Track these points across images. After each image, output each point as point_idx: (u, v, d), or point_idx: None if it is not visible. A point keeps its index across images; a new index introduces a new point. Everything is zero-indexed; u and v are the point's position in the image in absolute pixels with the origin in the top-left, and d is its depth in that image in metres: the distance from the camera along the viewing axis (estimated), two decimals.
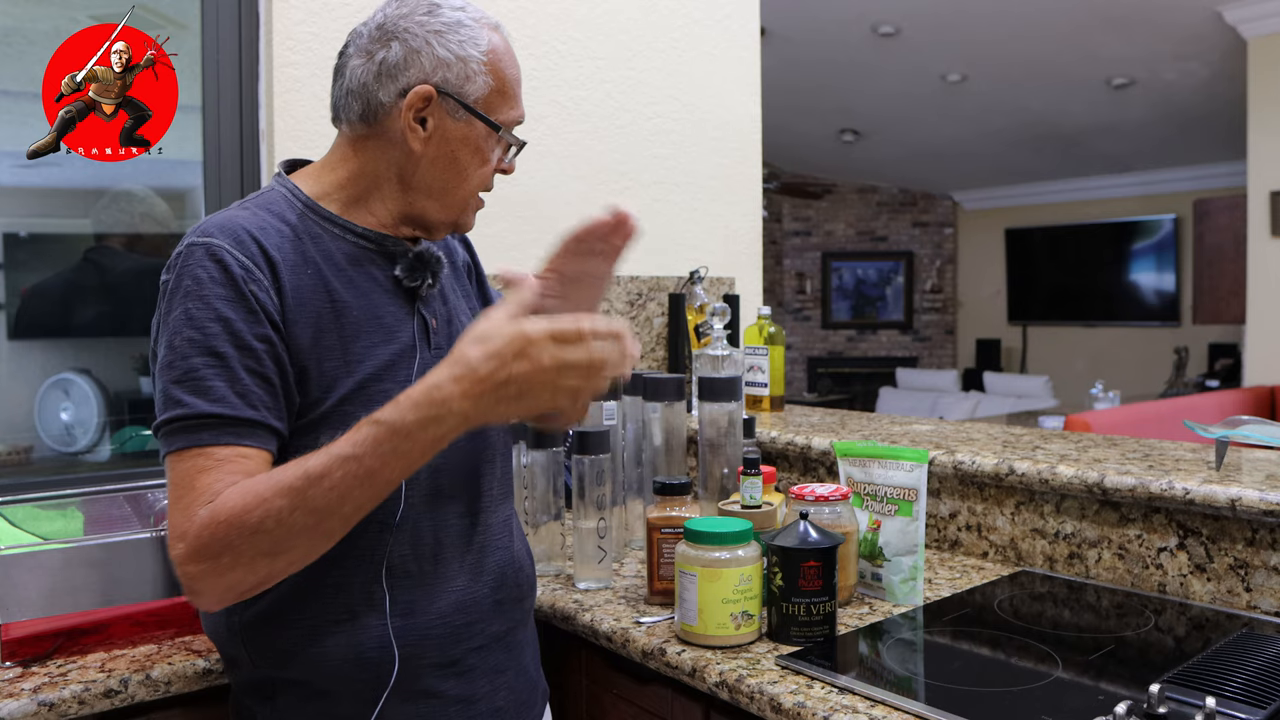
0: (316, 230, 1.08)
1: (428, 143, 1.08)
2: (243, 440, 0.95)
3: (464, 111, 1.08)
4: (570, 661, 1.45)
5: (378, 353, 1.06)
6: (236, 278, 0.98)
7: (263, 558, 0.90)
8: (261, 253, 1.01)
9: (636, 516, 1.71)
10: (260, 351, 0.98)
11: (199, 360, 0.95)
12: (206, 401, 0.94)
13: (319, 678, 1.04)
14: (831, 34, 6.25)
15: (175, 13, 1.91)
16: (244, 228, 1.02)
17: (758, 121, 2.57)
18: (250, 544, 0.89)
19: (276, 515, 0.89)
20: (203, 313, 0.97)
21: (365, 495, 0.91)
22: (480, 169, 1.11)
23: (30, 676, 1.13)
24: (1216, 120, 6.88)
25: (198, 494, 0.92)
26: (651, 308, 2.34)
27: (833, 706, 1.04)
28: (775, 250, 9.83)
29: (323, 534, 0.92)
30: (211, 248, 0.99)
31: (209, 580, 0.91)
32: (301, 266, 1.04)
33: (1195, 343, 7.92)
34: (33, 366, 2.03)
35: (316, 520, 0.90)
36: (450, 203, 1.12)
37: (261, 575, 0.92)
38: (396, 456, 0.90)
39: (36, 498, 1.46)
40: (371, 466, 0.90)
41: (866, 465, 1.43)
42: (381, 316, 1.08)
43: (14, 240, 2.03)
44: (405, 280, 1.10)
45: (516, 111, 1.13)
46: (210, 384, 0.95)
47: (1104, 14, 5.61)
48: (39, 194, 2.06)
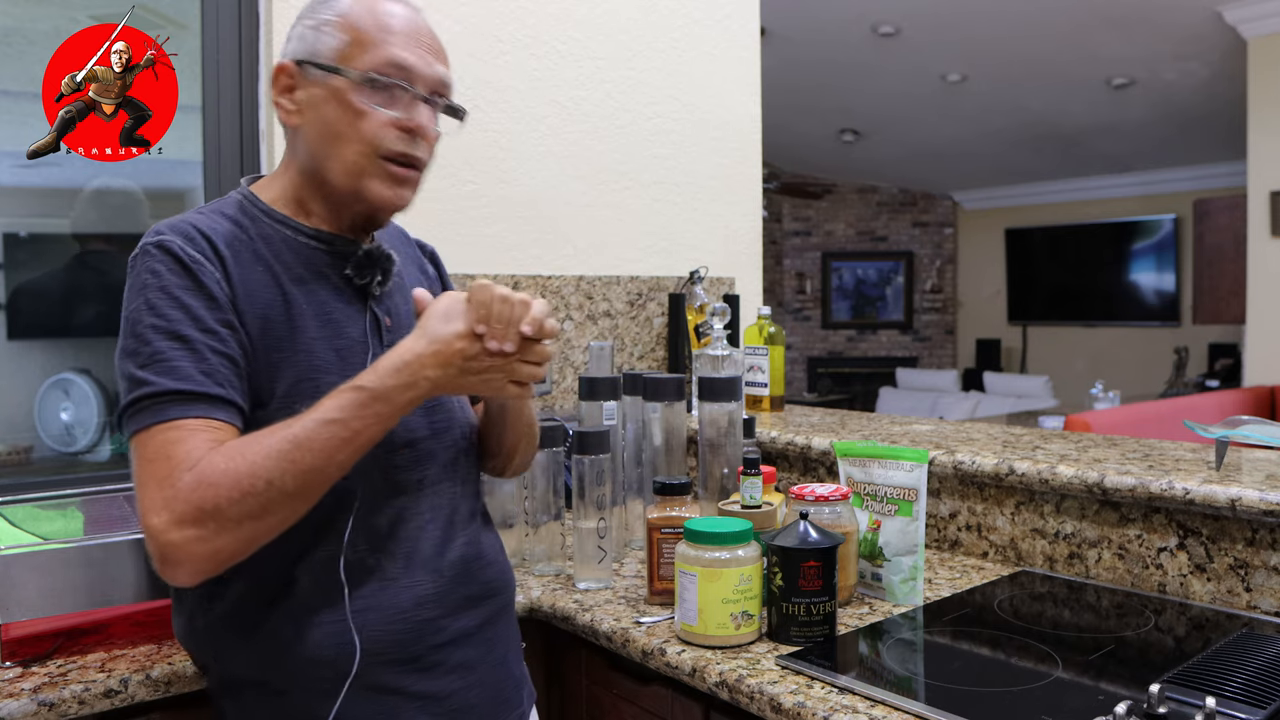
0: (268, 231, 1.09)
1: (299, 115, 1.08)
2: (213, 413, 0.96)
3: (318, 71, 1.07)
4: (570, 661, 1.45)
5: (325, 347, 1.06)
6: (189, 268, 1.00)
7: (249, 520, 0.92)
8: (211, 248, 1.03)
9: (636, 516, 1.71)
10: (224, 335, 1.00)
11: (164, 344, 0.97)
12: (173, 379, 0.95)
13: (278, 676, 1.04)
14: (831, 34, 6.25)
15: (175, 13, 1.91)
16: (194, 225, 1.05)
17: (758, 121, 2.57)
18: (238, 507, 0.91)
19: (266, 477, 0.92)
20: (163, 301, 0.99)
21: (347, 455, 0.96)
22: (358, 125, 1.06)
23: (30, 676, 1.13)
24: (1216, 120, 6.88)
25: (176, 463, 0.92)
26: (651, 308, 2.34)
27: (833, 706, 1.04)
28: (775, 250, 9.83)
29: (306, 497, 0.96)
30: (165, 243, 1.02)
31: (193, 548, 0.91)
32: (252, 263, 1.06)
33: (1195, 343, 7.92)
34: (32, 366, 2.03)
35: (303, 483, 0.94)
36: (341, 169, 1.07)
37: (245, 539, 0.93)
38: (377, 419, 0.97)
39: (36, 498, 1.46)
40: (356, 428, 0.95)
41: (866, 465, 1.43)
42: (330, 313, 1.09)
43: (14, 240, 2.03)
44: (355, 278, 1.11)
45: (385, 55, 1.06)
46: (176, 364, 0.96)
47: (1104, 14, 5.61)
48: (39, 194, 2.06)
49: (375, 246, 1.13)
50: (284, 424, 0.96)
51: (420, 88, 1.09)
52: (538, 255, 2.19)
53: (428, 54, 1.10)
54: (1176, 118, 7.11)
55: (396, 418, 0.99)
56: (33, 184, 2.02)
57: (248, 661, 1.05)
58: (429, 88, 1.10)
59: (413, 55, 1.08)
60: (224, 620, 1.05)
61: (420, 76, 1.09)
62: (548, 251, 2.21)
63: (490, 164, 2.12)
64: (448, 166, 2.04)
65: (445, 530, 1.13)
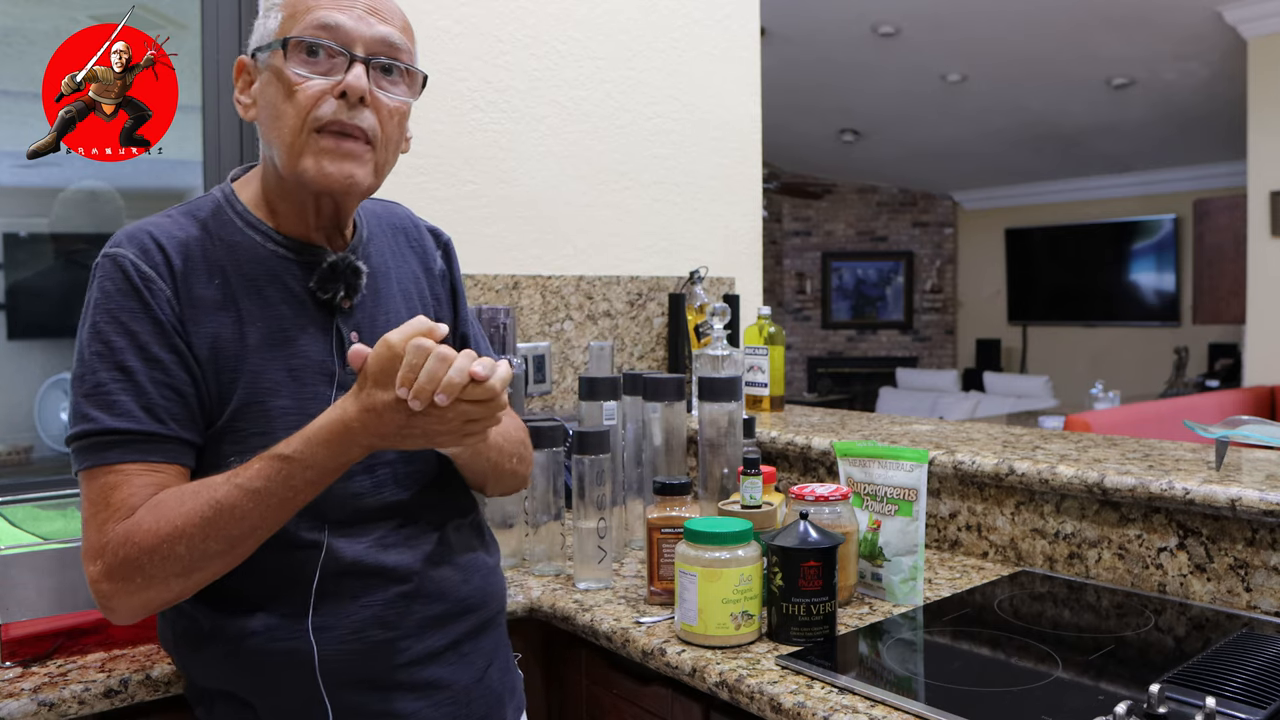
0: (236, 238, 1.05)
1: (253, 107, 1.05)
2: (150, 456, 0.96)
3: (262, 54, 1.03)
4: (570, 661, 1.45)
5: (277, 368, 1.03)
6: (138, 287, 0.98)
7: (175, 578, 0.93)
8: (165, 262, 1.00)
9: (636, 516, 1.71)
10: (168, 363, 0.97)
11: (106, 375, 0.96)
12: (112, 417, 0.94)
13: (243, 690, 1.02)
14: (831, 34, 6.25)
15: (175, 13, 1.91)
16: (151, 235, 1.01)
17: (758, 121, 2.57)
18: (163, 568, 0.92)
19: (188, 541, 0.92)
20: (109, 326, 0.97)
21: (277, 518, 0.95)
22: (292, 98, 1.00)
23: (30, 676, 1.13)
24: (1216, 120, 6.88)
25: (112, 510, 0.93)
26: (651, 308, 2.34)
27: (833, 706, 1.04)
28: (775, 250, 9.83)
29: (235, 556, 0.95)
30: (118, 258, 0.99)
31: (122, 599, 0.94)
32: (208, 277, 1.02)
33: (1195, 343, 7.92)
34: (33, 366, 2.03)
35: (229, 545, 0.94)
36: (283, 151, 1.01)
37: (175, 593, 0.95)
38: (307, 485, 0.95)
39: (36, 498, 1.46)
40: (284, 496, 0.94)
41: (866, 465, 1.43)
42: (286, 330, 1.04)
43: (14, 240, 2.03)
44: (318, 292, 1.05)
45: (312, 18, 1.00)
46: (116, 399, 0.95)
47: (1104, 14, 5.61)
48: (39, 194, 2.06)
49: (341, 258, 1.06)
50: (210, 484, 0.94)
51: (360, 50, 1.01)
52: (538, 255, 2.19)
53: (365, 13, 1.01)
54: (1176, 118, 7.11)
55: (333, 477, 0.96)
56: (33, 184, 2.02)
57: (216, 674, 1.04)
58: (367, 48, 1.01)
59: (343, 15, 1.00)
60: (191, 632, 1.04)
61: (354, 36, 1.00)
62: (548, 251, 2.21)
63: (490, 164, 2.11)
64: (448, 166, 2.04)
65: (413, 548, 1.08)
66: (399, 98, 1.05)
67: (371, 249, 1.15)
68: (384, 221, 1.21)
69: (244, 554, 0.96)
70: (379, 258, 1.15)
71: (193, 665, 1.06)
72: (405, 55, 1.05)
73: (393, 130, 1.05)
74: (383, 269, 1.15)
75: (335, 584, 1.03)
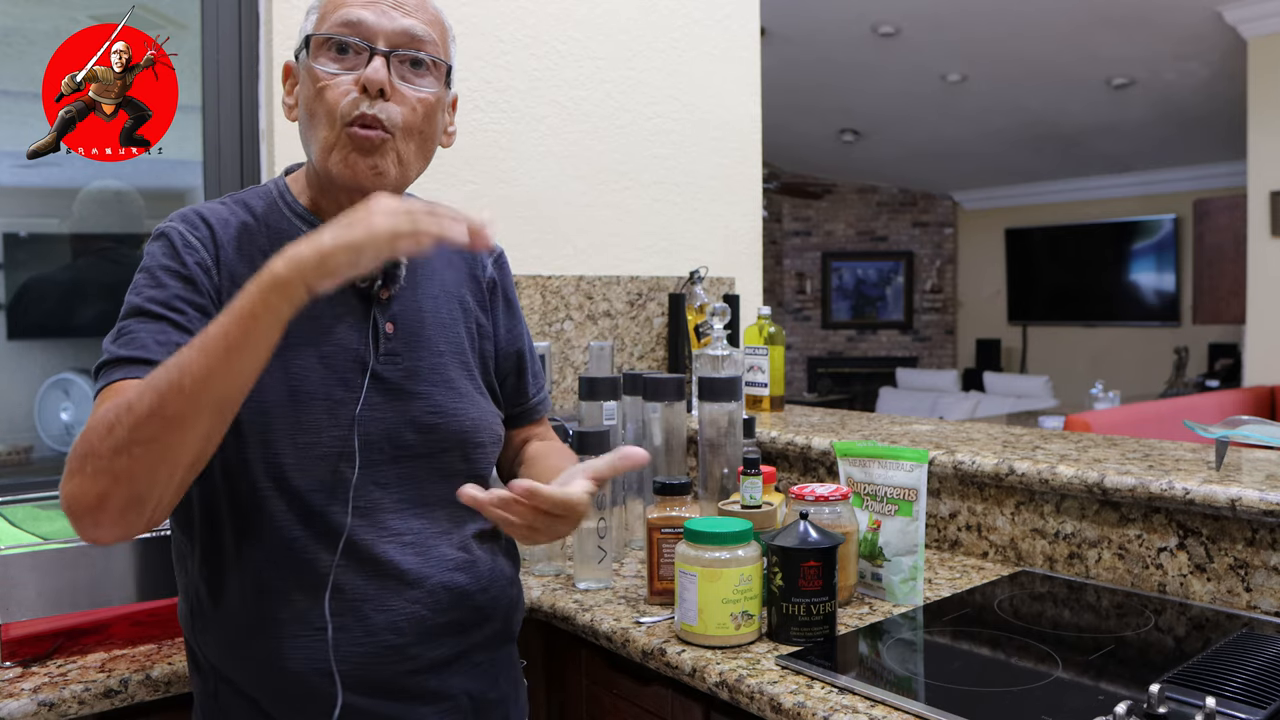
0: (282, 225, 1.08)
1: (295, 107, 1.09)
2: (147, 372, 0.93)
3: (303, 55, 1.06)
4: (570, 661, 1.45)
5: (308, 353, 1.03)
6: (179, 251, 1.02)
7: (119, 455, 0.85)
8: (210, 236, 1.04)
9: (636, 516, 1.71)
10: (191, 315, 1.00)
11: (133, 320, 0.99)
12: (127, 349, 0.97)
13: (247, 683, 1.02)
14: (831, 34, 6.25)
15: (175, 13, 1.91)
16: (200, 213, 1.06)
17: (758, 121, 2.57)
18: (106, 442, 0.86)
19: (126, 404, 0.86)
20: (145, 281, 1.01)
21: (203, 364, 0.86)
22: (323, 96, 1.02)
23: (30, 676, 1.13)
24: (1216, 120, 6.88)
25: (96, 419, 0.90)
26: (651, 308, 2.34)
27: (833, 706, 1.04)
28: (775, 250, 9.83)
29: (169, 421, 0.85)
30: (167, 231, 1.04)
31: (78, 499, 0.87)
32: (250, 258, 1.04)
33: (1195, 343, 7.92)
34: (33, 366, 2.03)
35: (159, 400, 0.85)
36: (318, 149, 1.04)
37: (121, 476, 0.86)
38: (230, 315, 0.86)
39: (36, 498, 1.46)
40: (211, 333, 0.86)
41: (866, 465, 1.43)
42: (322, 316, 1.04)
43: (14, 240, 2.03)
44: (357, 280, 1.05)
45: (337, 15, 1.02)
46: (135, 335, 0.98)
47: (1104, 14, 5.61)
48: (39, 194, 2.06)
49: None
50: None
51: (382, 44, 1.02)
52: (538, 255, 2.19)
53: (389, 7, 1.03)
54: (1176, 118, 7.11)
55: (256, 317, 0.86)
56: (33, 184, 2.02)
57: (224, 663, 1.04)
58: (389, 41, 1.03)
59: (367, 10, 1.02)
60: (201, 613, 1.04)
61: (376, 30, 1.02)
62: (548, 251, 2.21)
63: (490, 164, 2.11)
64: (448, 166, 2.04)
65: (433, 552, 1.07)
66: (425, 89, 1.06)
67: None
68: None
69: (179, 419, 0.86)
70: (423, 256, 1.13)
71: (203, 645, 1.06)
72: (430, 47, 1.06)
73: (418, 121, 1.05)
74: (425, 267, 1.15)
75: (352, 583, 1.02)
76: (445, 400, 1.10)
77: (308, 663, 1.00)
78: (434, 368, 1.11)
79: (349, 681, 1.01)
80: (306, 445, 1.01)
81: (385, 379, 1.07)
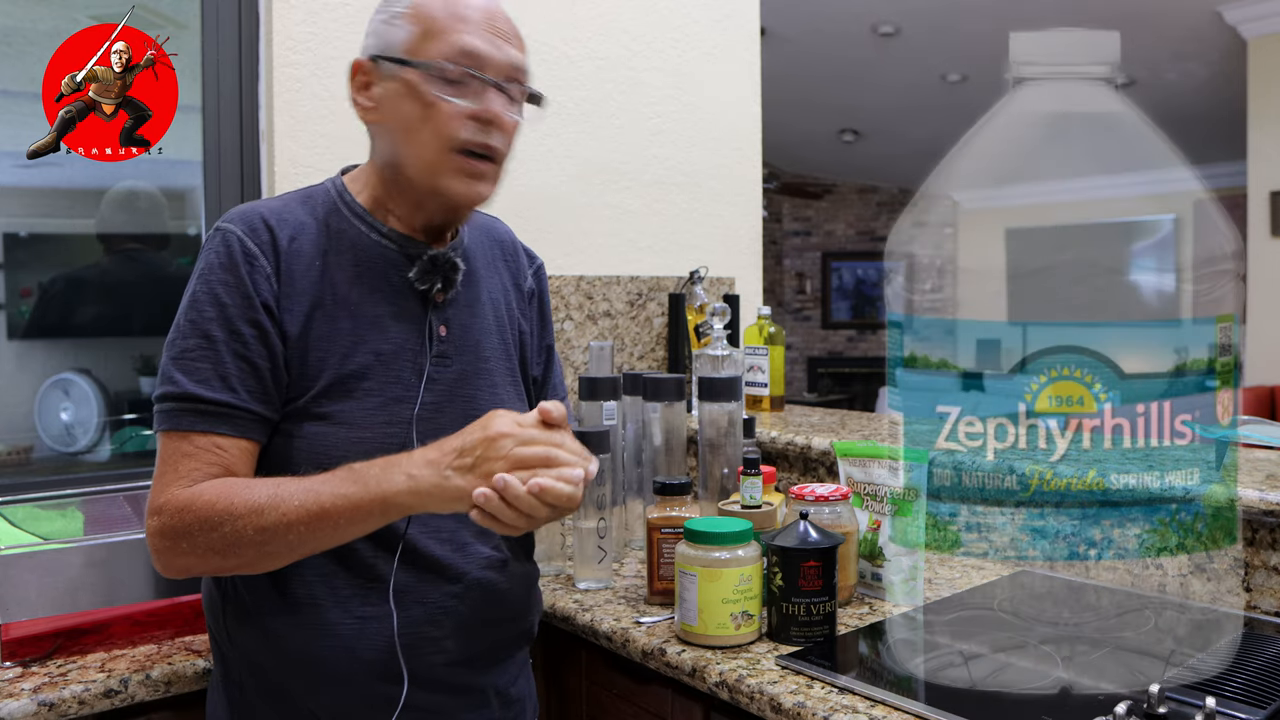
0: (343, 226, 1.09)
1: (376, 111, 1.07)
2: (219, 428, 1.00)
3: (391, 65, 1.05)
4: (570, 661, 1.45)
5: (366, 350, 1.06)
6: (238, 262, 1.02)
7: (213, 554, 0.97)
8: (270, 239, 1.04)
9: (636, 516, 1.71)
10: (248, 336, 1.01)
11: (193, 341, 1.01)
12: (192, 382, 1.00)
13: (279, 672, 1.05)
14: (831, 34, 6.25)
15: (175, 13, 1.91)
16: (261, 215, 1.06)
17: (758, 121, 2.57)
18: (205, 540, 0.96)
19: (234, 523, 0.95)
20: (204, 296, 1.02)
21: (309, 530, 0.95)
22: (431, 117, 1.04)
23: (30, 676, 1.13)
24: (1216, 120, 6.87)
25: (179, 476, 0.99)
26: (651, 308, 2.34)
27: (833, 706, 1.04)
28: (775, 250, 9.83)
29: (267, 553, 0.97)
30: (225, 233, 1.04)
31: (168, 557, 0.99)
32: (311, 259, 1.06)
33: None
34: (33, 366, 2.03)
35: (263, 537, 0.95)
36: (418, 165, 1.06)
37: (212, 567, 0.99)
38: (349, 503, 0.94)
39: (36, 498, 1.46)
40: (325, 504, 0.95)
41: (866, 465, 1.43)
42: (381, 316, 1.07)
43: (14, 240, 2.03)
44: (416, 282, 1.09)
45: (455, 42, 1.04)
46: (197, 365, 1.00)
47: (1104, 14, 5.61)
48: (39, 194, 2.06)
49: (441, 253, 1.10)
50: (276, 479, 0.98)
51: (492, 74, 1.06)
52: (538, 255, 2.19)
53: (499, 39, 1.07)
54: (1176, 118, 7.10)
55: (371, 515, 0.95)
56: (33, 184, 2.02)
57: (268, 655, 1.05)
58: (502, 74, 1.07)
59: (483, 41, 1.05)
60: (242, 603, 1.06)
61: (492, 63, 1.06)
62: (548, 251, 2.20)
63: None
64: None
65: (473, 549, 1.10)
66: (518, 116, 1.11)
67: (469, 253, 1.17)
68: (485, 233, 1.25)
69: (276, 555, 0.97)
70: (475, 263, 1.18)
71: (235, 634, 1.07)
72: (527, 77, 1.12)
73: (511, 144, 1.12)
74: (477, 275, 1.18)
75: (403, 577, 1.05)
76: (489, 404, 1.11)
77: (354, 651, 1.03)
78: (480, 372, 1.14)
79: (383, 671, 1.04)
80: (361, 440, 1.04)
81: (437, 380, 1.10)
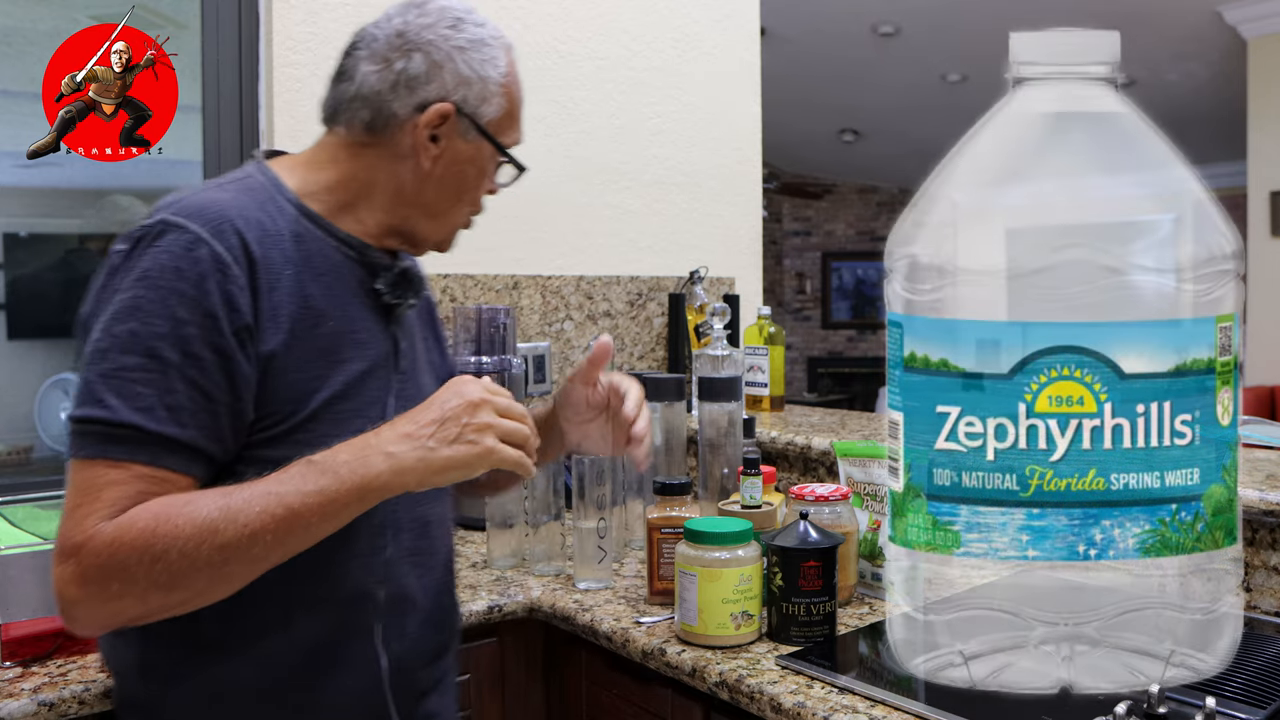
0: (299, 229, 0.98)
1: (437, 161, 1.02)
2: (160, 461, 0.85)
3: (475, 133, 1.04)
4: (570, 661, 1.45)
5: (349, 368, 0.98)
6: (206, 272, 0.87)
7: (156, 590, 0.82)
8: (242, 246, 0.90)
9: (636, 516, 1.71)
10: (208, 363, 0.87)
11: (134, 359, 0.84)
12: (130, 409, 0.83)
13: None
14: (831, 34, 6.25)
15: (175, 13, 1.91)
16: (225, 216, 0.91)
17: (758, 121, 2.57)
18: (147, 574, 0.81)
19: (181, 546, 0.81)
20: (154, 305, 0.85)
21: (277, 539, 0.84)
22: (477, 189, 1.09)
23: (30, 676, 1.13)
24: (1216, 120, 6.87)
25: (102, 505, 0.82)
26: (651, 308, 2.34)
27: (833, 706, 1.04)
28: (775, 250, 9.83)
29: (223, 576, 0.84)
30: (187, 233, 0.88)
31: (91, 606, 0.83)
32: (281, 266, 0.94)
33: None
34: (33, 366, 2.03)
35: (223, 558, 0.82)
36: (445, 223, 1.08)
37: (151, 607, 0.84)
38: (320, 499, 0.84)
39: (36, 498, 1.46)
40: (292, 505, 0.84)
41: (866, 465, 1.43)
42: (356, 330, 1.00)
43: (14, 240, 2.03)
44: (387, 296, 1.03)
45: (519, 134, 1.11)
46: (139, 390, 0.84)
47: (1103, 14, 5.61)
48: (39, 194, 2.06)
49: (411, 266, 1.07)
50: (224, 489, 0.85)
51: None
52: (538, 255, 2.19)
53: None
54: (1176, 118, 7.09)
55: (348, 506, 0.86)
56: (33, 184, 2.02)
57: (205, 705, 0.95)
58: None
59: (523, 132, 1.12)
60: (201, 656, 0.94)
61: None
62: (548, 251, 2.21)
63: None
64: None
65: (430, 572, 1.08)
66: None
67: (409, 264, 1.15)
68: None
69: (230, 579, 0.85)
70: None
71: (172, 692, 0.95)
72: None
73: None
74: None
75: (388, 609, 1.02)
76: None
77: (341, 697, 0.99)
78: (424, 384, 1.10)
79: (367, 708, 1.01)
80: None
81: (401, 396, 1.04)
